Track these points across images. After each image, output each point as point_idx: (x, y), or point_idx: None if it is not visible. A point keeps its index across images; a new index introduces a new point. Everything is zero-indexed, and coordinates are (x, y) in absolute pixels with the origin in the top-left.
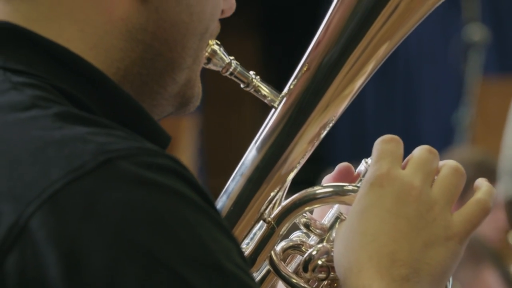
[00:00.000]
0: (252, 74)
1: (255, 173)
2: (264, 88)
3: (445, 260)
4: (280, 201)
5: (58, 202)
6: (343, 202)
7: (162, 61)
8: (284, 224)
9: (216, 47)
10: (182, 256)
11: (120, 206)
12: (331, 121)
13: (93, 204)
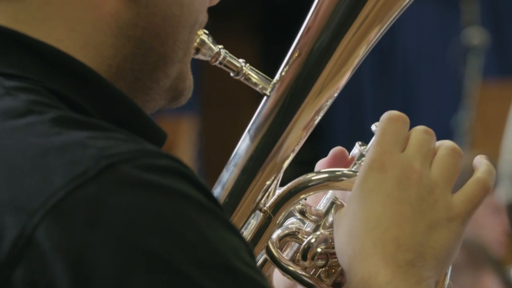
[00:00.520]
0: (242, 62)
1: (250, 162)
2: (255, 76)
3: (448, 242)
4: (274, 189)
5: (63, 211)
6: (338, 187)
7: (154, 56)
8: (280, 213)
9: (205, 37)
10: (191, 259)
11: (125, 211)
12: (325, 106)
13: (97, 211)
